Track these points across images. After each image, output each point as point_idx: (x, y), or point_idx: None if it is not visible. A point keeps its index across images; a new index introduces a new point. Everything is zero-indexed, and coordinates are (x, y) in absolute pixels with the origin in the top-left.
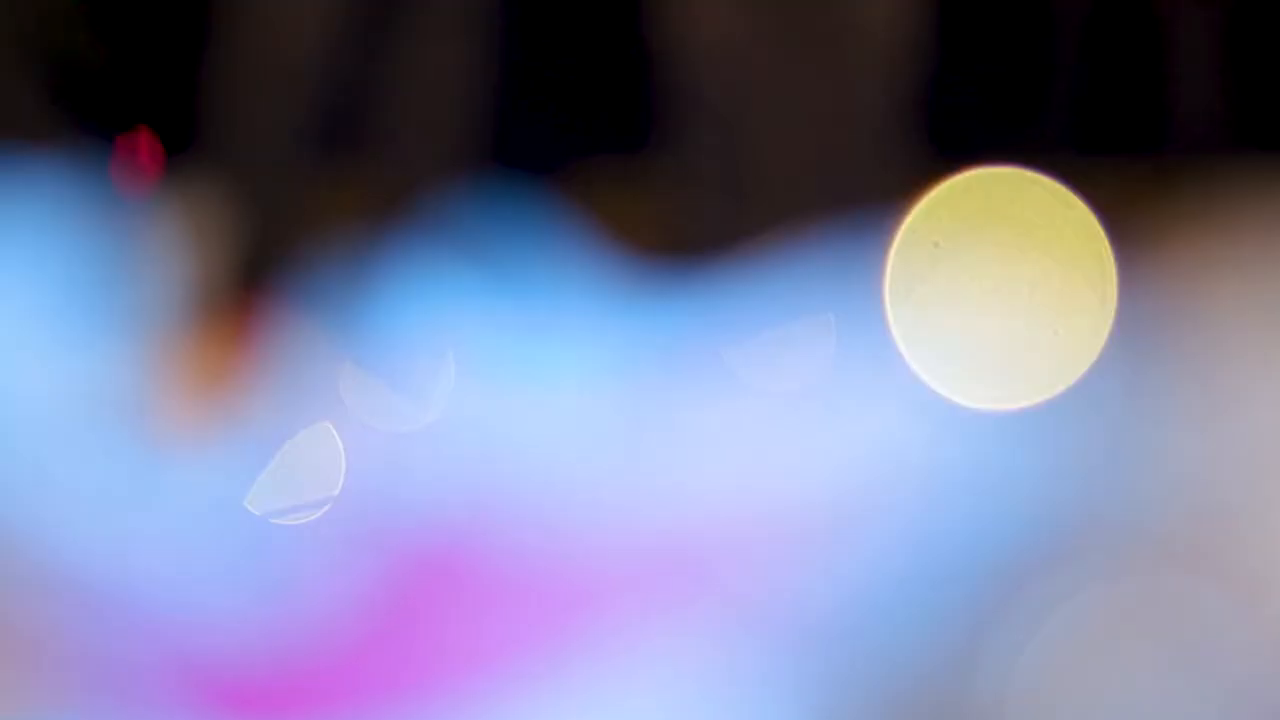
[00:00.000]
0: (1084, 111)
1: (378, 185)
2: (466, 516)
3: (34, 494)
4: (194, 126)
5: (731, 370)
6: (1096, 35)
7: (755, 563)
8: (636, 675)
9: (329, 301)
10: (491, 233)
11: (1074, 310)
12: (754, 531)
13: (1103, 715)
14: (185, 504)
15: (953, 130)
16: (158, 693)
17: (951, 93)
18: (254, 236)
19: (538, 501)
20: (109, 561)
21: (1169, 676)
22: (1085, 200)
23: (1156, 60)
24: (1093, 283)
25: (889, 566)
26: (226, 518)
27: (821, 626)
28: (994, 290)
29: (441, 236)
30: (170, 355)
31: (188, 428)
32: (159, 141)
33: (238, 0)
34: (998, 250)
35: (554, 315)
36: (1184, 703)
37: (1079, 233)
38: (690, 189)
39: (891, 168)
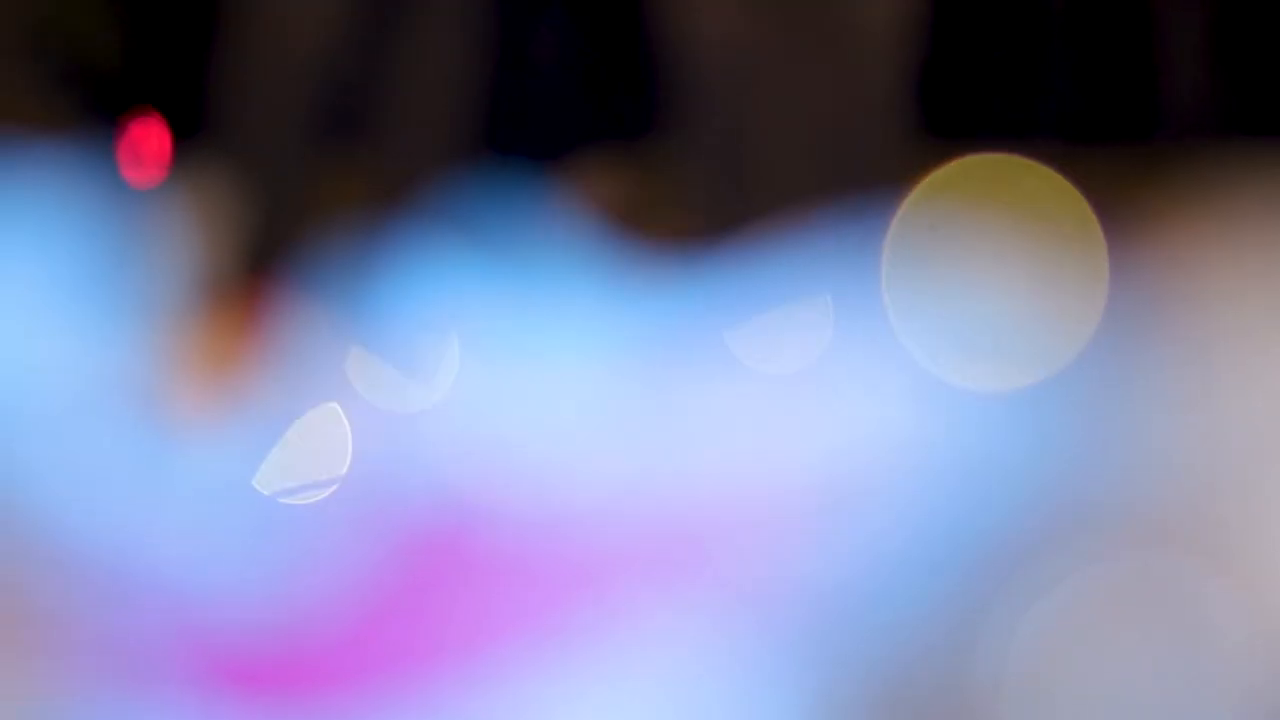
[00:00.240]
0: (1077, 99)
1: (382, 172)
2: (470, 497)
3: (47, 477)
4: (203, 115)
5: (732, 353)
6: (1089, 24)
7: (755, 544)
8: (638, 653)
9: (335, 286)
10: (494, 218)
11: (1067, 293)
12: (754, 513)
13: (1097, 696)
14: (195, 486)
15: (949, 117)
16: (168, 670)
17: (948, 81)
18: (261, 223)
19: (541, 482)
20: (120, 542)
21: (1162, 659)
22: (1078, 185)
23: (1148, 48)
24: (1084, 266)
25: (886, 548)
26: (235, 499)
27: (819, 607)
28: (989, 273)
29: (445, 222)
30: (179, 339)
31: (197, 411)
32: (168, 129)
33: None
34: (992, 234)
35: (556, 299)
36: (1177, 684)
37: (1071, 217)
38: (693, 175)
39: (889, 154)
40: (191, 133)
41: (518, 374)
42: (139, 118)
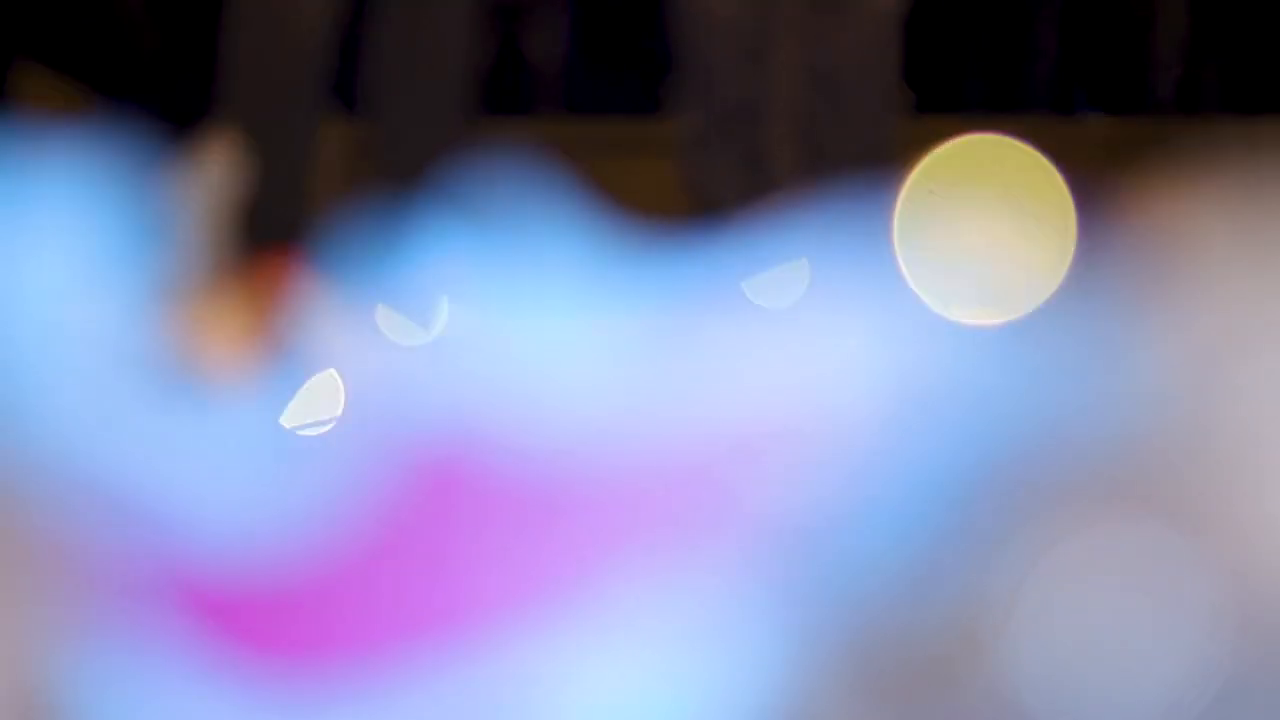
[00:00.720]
0: (1066, 74)
1: (385, 148)
2: (477, 439)
3: (65, 427)
4: (218, 95)
5: (736, 298)
6: (1080, 2)
7: (749, 479)
8: (638, 587)
9: (345, 253)
10: (495, 194)
11: (1040, 248)
12: (751, 449)
13: (1076, 631)
14: (209, 433)
15: (942, 93)
16: (176, 603)
17: (942, 57)
18: (271, 195)
19: (545, 423)
20: (133, 484)
21: (1142, 600)
22: (1069, 156)
23: (1137, 26)
24: (1061, 227)
25: (875, 485)
26: (246, 444)
27: (810, 542)
28: (979, 229)
29: (447, 197)
30: (196, 305)
31: (213, 367)
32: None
33: None
34: (983, 204)
35: (556, 271)
36: (1155, 626)
37: (1047, 188)
38: (700, 151)
39: (887, 130)
40: (206, 110)
41: (524, 318)
42: (155, 97)
